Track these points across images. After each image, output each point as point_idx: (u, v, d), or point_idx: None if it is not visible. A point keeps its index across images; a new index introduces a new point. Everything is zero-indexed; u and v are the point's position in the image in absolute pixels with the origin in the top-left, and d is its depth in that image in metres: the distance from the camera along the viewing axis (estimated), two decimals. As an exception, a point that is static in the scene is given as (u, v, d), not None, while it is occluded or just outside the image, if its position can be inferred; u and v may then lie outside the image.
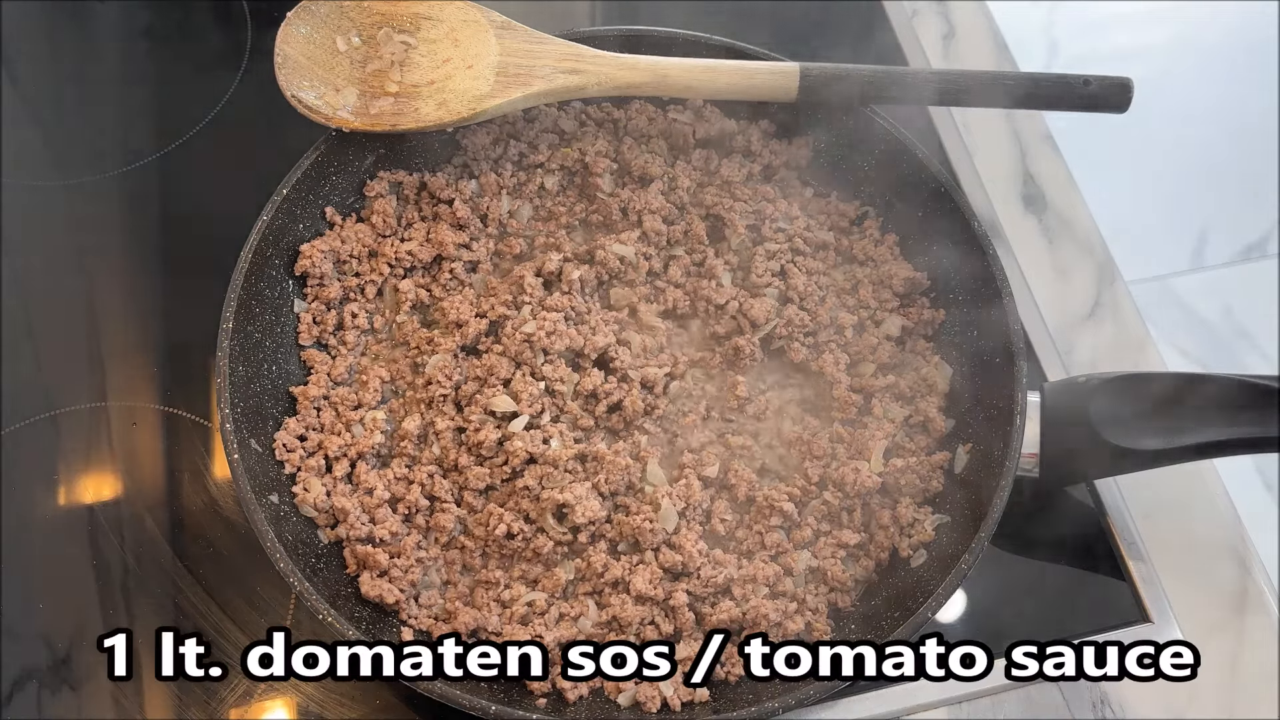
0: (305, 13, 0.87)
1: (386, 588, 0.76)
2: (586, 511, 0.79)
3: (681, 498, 0.81)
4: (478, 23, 0.88)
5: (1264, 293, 2.07)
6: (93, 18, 1.11)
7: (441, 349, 0.86)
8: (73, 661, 0.79)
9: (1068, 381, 0.83)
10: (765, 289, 0.89)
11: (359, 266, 0.89)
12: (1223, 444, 0.79)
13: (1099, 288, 1.00)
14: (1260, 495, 1.87)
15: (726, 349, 0.88)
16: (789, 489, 0.82)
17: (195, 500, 0.85)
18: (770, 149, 0.96)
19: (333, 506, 0.79)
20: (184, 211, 0.99)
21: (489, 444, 0.81)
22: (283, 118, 0.85)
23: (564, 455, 0.81)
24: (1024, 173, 1.06)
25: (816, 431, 0.85)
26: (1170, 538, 0.87)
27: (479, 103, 0.86)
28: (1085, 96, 0.86)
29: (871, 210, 0.94)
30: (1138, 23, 2.40)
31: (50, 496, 0.85)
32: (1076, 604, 0.85)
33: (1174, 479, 0.85)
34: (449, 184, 0.92)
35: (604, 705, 0.74)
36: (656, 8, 1.14)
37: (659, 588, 0.78)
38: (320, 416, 0.84)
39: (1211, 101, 2.28)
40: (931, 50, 1.13)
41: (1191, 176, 2.20)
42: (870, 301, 0.90)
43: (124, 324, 0.93)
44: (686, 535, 0.80)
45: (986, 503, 0.76)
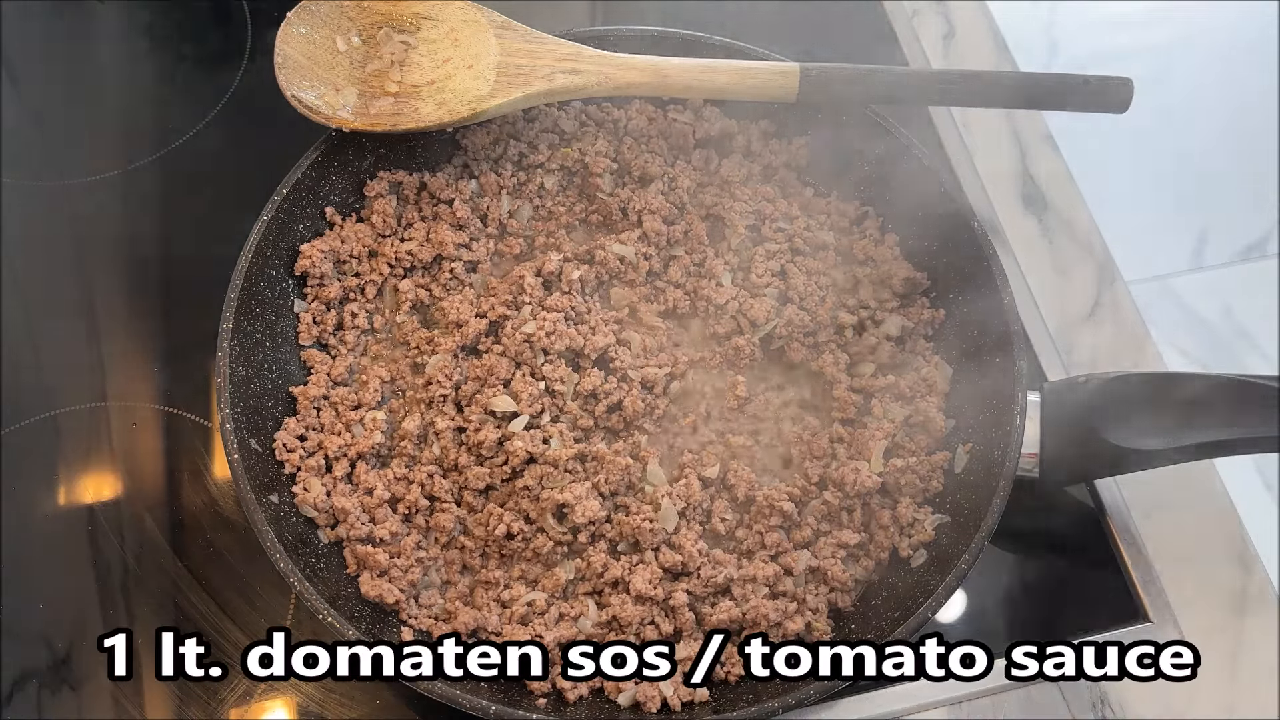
0: (305, 13, 0.87)
1: (386, 588, 0.76)
2: (586, 511, 0.79)
3: (681, 498, 0.81)
4: (478, 23, 0.88)
5: (1264, 293, 2.07)
6: (93, 18, 1.11)
7: (441, 349, 0.86)
8: (73, 661, 0.79)
9: (1068, 381, 0.83)
10: (765, 289, 0.89)
11: (359, 266, 0.89)
12: (1223, 444, 0.79)
13: (1099, 288, 1.00)
14: (1260, 495, 1.87)
15: (726, 349, 0.88)
16: (789, 489, 0.82)
17: (195, 500, 0.85)
18: (770, 149, 0.96)
19: (333, 506, 0.79)
20: (184, 211, 0.99)
21: (489, 444, 0.81)
22: (283, 118, 0.85)
23: (564, 455, 0.81)
24: (1024, 173, 1.06)
25: (816, 431, 0.85)
26: (1170, 538, 0.87)
27: (479, 103, 0.86)
28: (1085, 96, 0.86)
29: (871, 210, 0.94)
30: (1138, 23, 2.40)
31: (50, 496, 0.85)
32: (1076, 604, 0.85)
33: (1174, 479, 0.85)
34: (449, 184, 0.92)
35: (604, 705, 0.74)
36: (657, 7, 1.14)
37: (659, 588, 0.78)
38: (320, 416, 0.84)
39: (1212, 102, 2.28)
40: (931, 50, 1.13)
41: (1191, 176, 2.20)
42: (870, 301, 0.90)
43: (124, 324, 0.93)
44: (686, 535, 0.80)
45: (986, 503, 0.76)
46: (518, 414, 0.83)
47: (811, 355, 0.88)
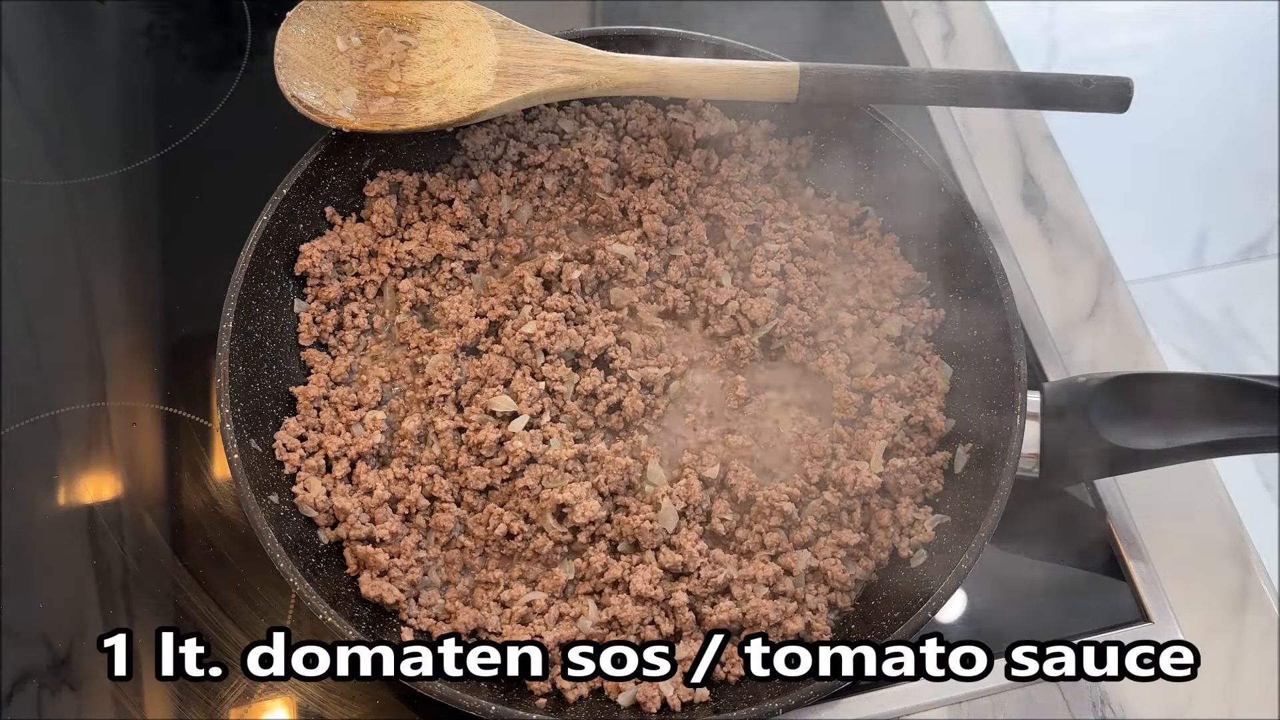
0: (305, 13, 0.87)
1: (386, 588, 0.76)
2: (586, 511, 0.79)
3: (681, 498, 0.81)
4: (478, 22, 0.88)
5: (1264, 293, 2.07)
6: (93, 18, 1.11)
7: (441, 349, 0.86)
8: (73, 661, 0.79)
9: (1068, 381, 0.83)
10: (765, 289, 0.89)
11: (359, 266, 0.89)
12: (1223, 444, 0.79)
13: (1099, 288, 1.00)
14: (1260, 495, 1.87)
15: (726, 349, 0.88)
16: (789, 489, 0.82)
17: (195, 500, 0.85)
18: (770, 149, 0.96)
19: (333, 506, 0.79)
20: (184, 211, 0.99)
21: (489, 444, 0.81)
22: (283, 118, 0.85)
23: (564, 455, 0.81)
24: (1024, 173, 1.06)
25: (816, 431, 0.85)
26: (1170, 538, 0.87)
27: (479, 103, 0.86)
28: (1085, 96, 0.86)
29: (872, 210, 0.94)
30: (1138, 23, 2.40)
31: (50, 496, 0.85)
32: (1076, 604, 0.85)
33: (1174, 479, 0.85)
34: (448, 184, 0.92)
35: (604, 705, 0.74)
36: (657, 7, 1.14)
37: (659, 588, 0.78)
38: (320, 416, 0.84)
39: (1211, 102, 2.28)
40: (931, 50, 1.13)
41: (1191, 176, 2.20)
42: (870, 301, 0.90)
43: (124, 324, 0.93)
44: (686, 535, 0.80)
45: (986, 503, 0.76)
46: (518, 414, 0.83)
47: (811, 355, 0.88)
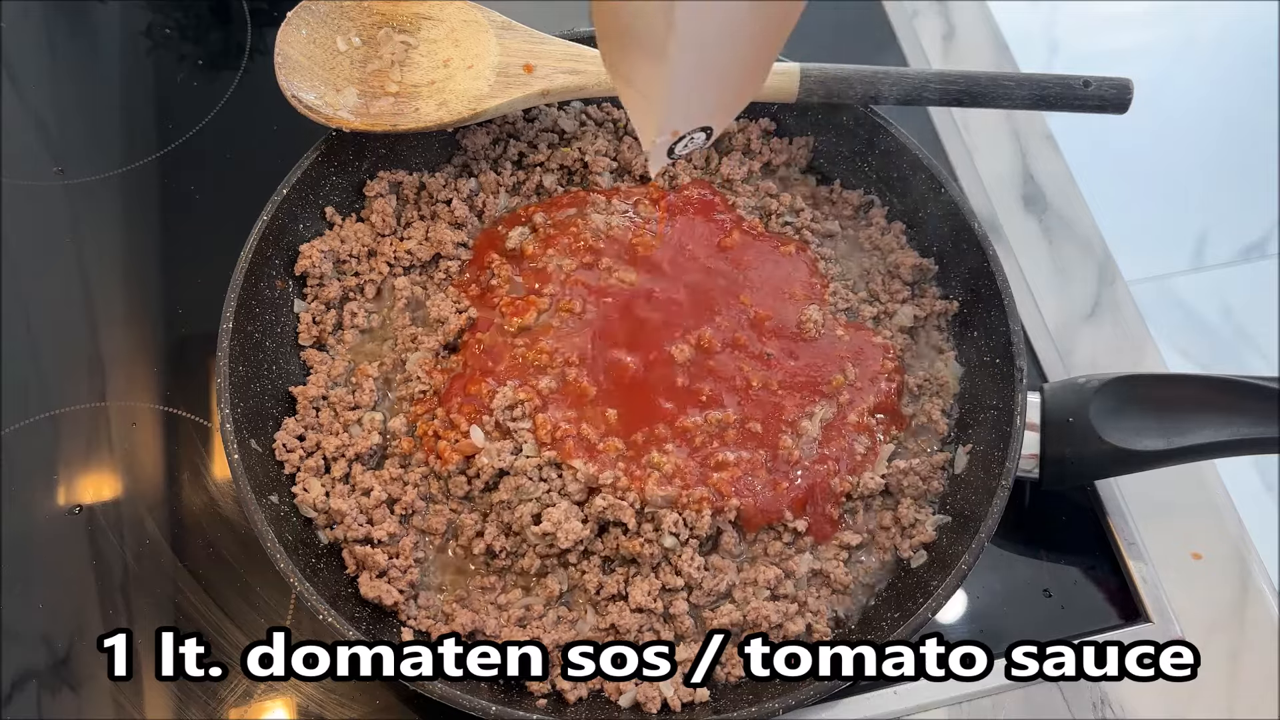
0: (305, 13, 0.87)
1: (385, 589, 0.76)
2: (568, 535, 0.76)
3: (686, 526, 0.78)
4: (478, 23, 0.88)
5: (1264, 293, 2.07)
6: (93, 18, 1.11)
7: (423, 346, 0.85)
8: (73, 661, 0.79)
9: (1068, 382, 0.83)
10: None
11: (358, 266, 0.89)
12: (1223, 444, 0.79)
13: (1099, 288, 1.00)
14: (1260, 495, 1.87)
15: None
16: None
17: (195, 500, 0.85)
18: (770, 148, 0.96)
19: (330, 508, 0.79)
20: (184, 211, 0.99)
21: (456, 463, 0.79)
22: (283, 118, 0.85)
23: (531, 465, 0.78)
24: (1024, 173, 1.06)
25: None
26: (1170, 538, 0.87)
27: (479, 103, 0.86)
28: (1085, 97, 0.86)
29: (876, 199, 0.94)
30: (1138, 23, 2.40)
31: (50, 496, 0.85)
32: (1076, 604, 0.85)
33: (1174, 479, 0.85)
34: (448, 183, 0.92)
35: (604, 706, 0.74)
36: (656, 8, 1.14)
37: (658, 600, 0.77)
38: (319, 416, 0.83)
39: (1211, 101, 2.28)
40: (931, 50, 1.13)
41: (1191, 176, 2.20)
42: (881, 295, 0.90)
43: (124, 324, 0.93)
44: (684, 555, 0.77)
45: (986, 503, 0.76)
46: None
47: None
